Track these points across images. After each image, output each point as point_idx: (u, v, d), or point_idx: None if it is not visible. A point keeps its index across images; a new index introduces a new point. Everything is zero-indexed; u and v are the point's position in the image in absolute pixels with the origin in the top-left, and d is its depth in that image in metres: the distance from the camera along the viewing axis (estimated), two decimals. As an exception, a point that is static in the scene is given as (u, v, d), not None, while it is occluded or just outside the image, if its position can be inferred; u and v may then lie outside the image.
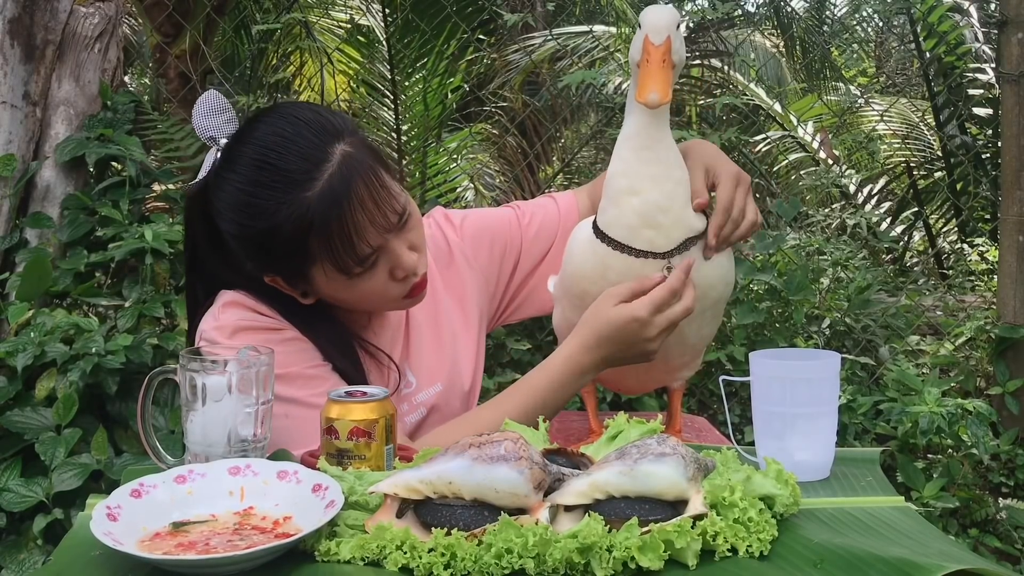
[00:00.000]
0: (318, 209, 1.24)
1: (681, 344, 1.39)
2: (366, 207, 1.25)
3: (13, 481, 2.28)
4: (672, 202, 1.29)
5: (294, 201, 1.24)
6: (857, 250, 3.42)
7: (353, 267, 1.27)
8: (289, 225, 1.24)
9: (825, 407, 1.17)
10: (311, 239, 1.25)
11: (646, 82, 1.23)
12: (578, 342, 1.31)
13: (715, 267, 1.34)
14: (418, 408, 1.44)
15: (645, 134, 1.29)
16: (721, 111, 5.35)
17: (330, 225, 1.24)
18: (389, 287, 1.32)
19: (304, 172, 1.25)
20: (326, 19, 6.22)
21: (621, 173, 1.31)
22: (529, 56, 5.00)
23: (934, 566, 0.84)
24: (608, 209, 1.32)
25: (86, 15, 2.89)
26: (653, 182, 1.29)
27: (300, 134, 1.26)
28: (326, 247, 1.25)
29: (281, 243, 1.26)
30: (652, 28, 1.25)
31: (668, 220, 1.29)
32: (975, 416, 2.52)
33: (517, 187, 5.43)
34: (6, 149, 2.76)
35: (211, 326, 1.33)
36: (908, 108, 6.39)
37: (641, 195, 1.28)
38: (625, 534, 0.88)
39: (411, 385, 1.45)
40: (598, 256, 1.32)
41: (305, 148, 1.26)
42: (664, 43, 1.25)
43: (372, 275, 1.29)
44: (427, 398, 1.46)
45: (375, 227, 1.26)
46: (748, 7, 6.30)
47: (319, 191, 1.24)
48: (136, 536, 0.94)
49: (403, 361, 1.45)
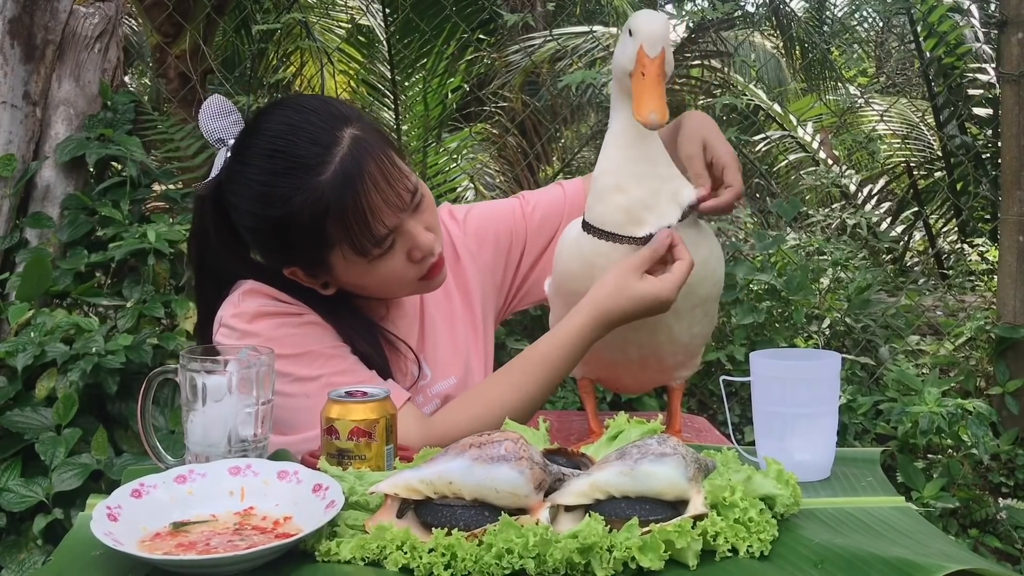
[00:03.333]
0: (332, 192, 1.24)
1: (672, 343, 1.39)
2: (379, 187, 1.26)
3: (13, 481, 2.28)
4: (657, 200, 1.29)
5: (308, 186, 1.25)
6: (857, 250, 3.43)
7: (371, 248, 1.28)
8: (305, 210, 1.25)
9: (825, 407, 1.17)
10: (328, 223, 1.25)
11: (643, 99, 1.21)
12: (598, 313, 1.30)
13: (701, 265, 1.34)
14: (433, 400, 1.45)
15: (632, 132, 1.29)
16: (721, 111, 5.35)
17: (346, 207, 1.25)
18: (408, 269, 1.32)
19: (316, 156, 1.26)
20: (326, 19, 6.23)
21: (607, 171, 1.31)
22: (529, 57, 5.00)
23: (934, 566, 0.84)
24: (594, 206, 1.32)
25: (86, 15, 2.89)
26: (638, 180, 1.29)
27: (308, 120, 1.28)
28: (343, 229, 1.26)
29: (298, 230, 1.26)
30: (648, 39, 1.23)
31: (653, 216, 1.29)
32: (975, 416, 2.53)
33: (517, 187, 5.42)
34: (6, 149, 2.76)
35: (230, 313, 1.34)
36: (908, 108, 6.40)
37: (627, 192, 1.29)
38: (625, 534, 0.88)
39: (427, 377, 1.46)
40: (584, 255, 1.33)
41: (314, 133, 1.27)
42: (660, 55, 1.23)
43: (390, 257, 1.30)
44: (442, 390, 1.47)
45: (389, 206, 1.27)
46: (748, 7, 6.30)
47: (332, 174, 1.25)
48: (136, 536, 0.94)
49: (419, 353, 1.46)
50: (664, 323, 1.35)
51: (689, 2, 7.93)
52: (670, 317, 1.34)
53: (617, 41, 1.35)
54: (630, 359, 1.41)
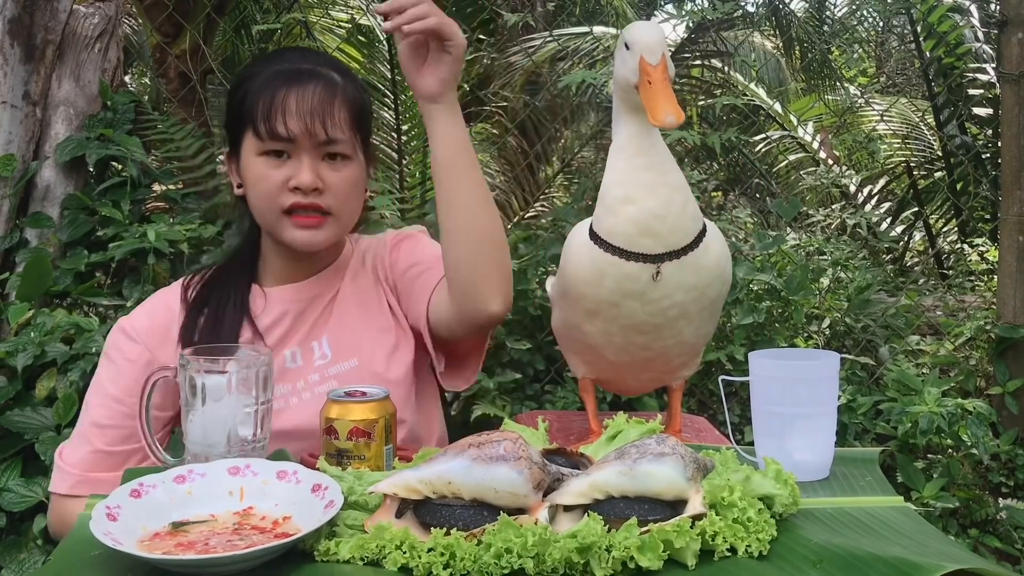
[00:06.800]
0: (274, 77, 1.41)
1: (681, 344, 1.40)
2: (307, 100, 1.39)
3: (13, 481, 2.28)
4: (668, 208, 1.30)
5: (267, 67, 1.43)
6: (857, 250, 3.43)
7: (265, 136, 1.39)
8: (253, 80, 1.42)
9: (825, 407, 1.17)
10: (258, 98, 1.40)
11: (657, 103, 1.23)
12: None
13: (712, 266, 1.34)
14: (329, 380, 1.46)
15: (636, 142, 1.31)
16: (721, 111, 5.35)
17: (274, 92, 1.39)
18: (282, 192, 1.41)
19: (291, 56, 1.45)
20: (326, 19, 6.23)
21: (616, 183, 1.32)
22: (530, 57, 5.00)
23: (933, 566, 0.84)
24: (605, 218, 1.32)
25: (86, 15, 2.89)
26: (648, 190, 1.30)
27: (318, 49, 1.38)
28: (257, 110, 1.39)
29: (237, 102, 1.43)
30: (646, 48, 1.27)
31: (664, 228, 1.30)
32: (975, 416, 2.52)
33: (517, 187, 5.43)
34: (6, 149, 2.76)
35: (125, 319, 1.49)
36: (908, 108, 6.40)
37: (637, 203, 1.29)
38: (624, 534, 0.88)
39: (326, 357, 1.48)
40: (595, 261, 1.33)
41: (309, 51, 1.46)
42: (662, 61, 1.26)
43: (274, 167, 1.41)
44: (340, 372, 1.48)
45: (299, 118, 1.38)
46: (748, 7, 6.30)
47: (287, 67, 1.42)
48: (136, 536, 0.94)
49: (320, 334, 1.50)
50: (675, 325, 1.35)
51: (689, 2, 7.94)
52: (680, 320, 1.35)
53: (615, 50, 1.36)
54: (636, 360, 1.42)
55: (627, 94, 1.32)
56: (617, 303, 1.34)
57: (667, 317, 1.35)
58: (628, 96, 1.32)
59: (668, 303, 1.33)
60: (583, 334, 1.42)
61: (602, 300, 1.35)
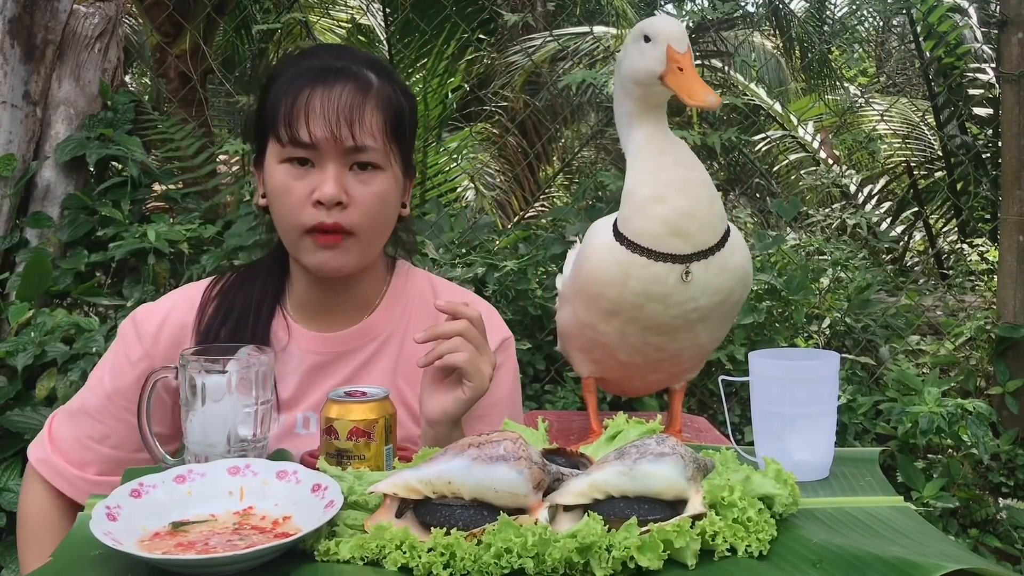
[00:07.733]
0: (301, 76, 1.27)
1: (695, 347, 1.39)
2: (335, 104, 1.25)
3: (13, 481, 2.28)
4: (697, 207, 1.29)
5: (294, 69, 1.29)
6: (857, 250, 3.43)
7: (286, 140, 1.26)
8: (277, 84, 1.29)
9: (824, 407, 1.17)
10: (278, 101, 1.27)
11: (693, 88, 1.24)
12: None
13: (737, 267, 1.33)
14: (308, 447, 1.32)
15: (656, 141, 1.30)
16: (721, 111, 5.35)
17: (298, 93, 1.26)
18: (304, 207, 1.27)
19: (323, 53, 1.31)
20: (326, 19, 6.23)
21: (642, 182, 1.31)
22: (530, 57, 5.00)
23: (933, 566, 0.84)
24: (633, 219, 1.31)
25: (86, 15, 2.89)
26: (676, 188, 1.29)
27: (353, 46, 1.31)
28: (280, 113, 1.26)
29: (262, 104, 1.30)
30: (674, 38, 1.27)
31: (694, 226, 1.29)
32: (975, 416, 2.52)
33: (517, 187, 5.43)
34: (6, 149, 2.76)
35: (143, 308, 1.40)
36: (908, 108, 6.40)
37: (667, 203, 1.28)
38: (624, 534, 0.88)
39: (309, 426, 1.36)
40: (620, 263, 1.31)
41: (345, 48, 1.33)
42: (688, 50, 1.27)
43: (297, 178, 1.27)
44: None
45: (324, 122, 1.25)
46: (748, 7, 6.30)
47: (316, 66, 1.28)
48: (136, 536, 0.94)
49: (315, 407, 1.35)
50: (693, 328, 1.35)
51: (689, 2, 7.93)
52: (700, 323, 1.34)
53: (622, 48, 1.36)
54: (648, 361, 1.40)
55: (646, 90, 1.31)
56: (641, 305, 1.32)
57: (688, 320, 1.34)
58: (647, 92, 1.31)
59: (692, 306, 1.32)
60: (598, 333, 1.40)
61: (625, 301, 1.33)
